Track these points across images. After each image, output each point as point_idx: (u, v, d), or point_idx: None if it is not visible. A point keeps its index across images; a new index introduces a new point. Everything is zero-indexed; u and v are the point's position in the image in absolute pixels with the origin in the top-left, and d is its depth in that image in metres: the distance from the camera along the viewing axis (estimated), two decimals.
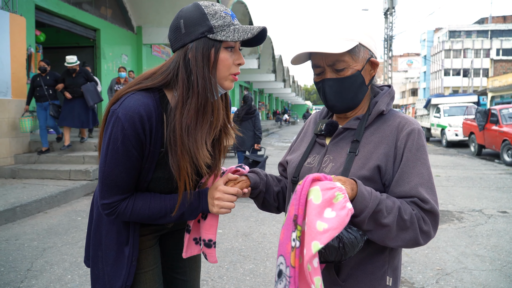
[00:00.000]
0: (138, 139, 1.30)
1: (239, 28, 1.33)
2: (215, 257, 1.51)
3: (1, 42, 7.67)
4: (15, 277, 3.65)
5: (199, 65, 1.32)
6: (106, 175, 1.32)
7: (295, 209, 1.11)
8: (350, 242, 1.12)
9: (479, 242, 4.66)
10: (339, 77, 1.33)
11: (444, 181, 8.59)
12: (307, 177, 1.13)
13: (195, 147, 1.35)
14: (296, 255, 1.08)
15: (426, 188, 1.25)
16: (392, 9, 28.63)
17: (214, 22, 1.32)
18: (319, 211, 1.06)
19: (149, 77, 1.39)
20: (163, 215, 1.41)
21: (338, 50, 1.27)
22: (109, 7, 14.66)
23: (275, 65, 32.56)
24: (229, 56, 1.35)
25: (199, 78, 1.32)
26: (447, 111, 18.36)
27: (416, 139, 1.30)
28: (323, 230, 1.04)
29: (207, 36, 1.32)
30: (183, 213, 1.43)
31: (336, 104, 1.37)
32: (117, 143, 1.29)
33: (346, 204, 1.07)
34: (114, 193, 1.34)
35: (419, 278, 3.69)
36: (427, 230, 1.22)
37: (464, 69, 63.13)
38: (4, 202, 5.72)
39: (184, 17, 1.34)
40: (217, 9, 1.34)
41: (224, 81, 1.38)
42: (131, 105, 1.30)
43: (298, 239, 1.09)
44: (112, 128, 1.29)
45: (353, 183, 1.18)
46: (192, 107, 1.33)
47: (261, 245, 4.53)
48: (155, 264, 1.55)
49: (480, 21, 70.56)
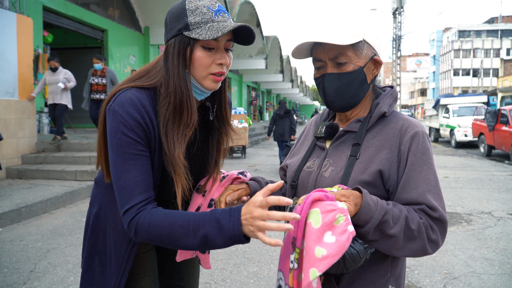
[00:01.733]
0: (139, 126, 1.25)
1: (215, 26, 1.26)
2: (209, 263, 1.46)
3: (8, 43, 7.71)
4: (18, 278, 3.64)
5: (175, 62, 1.28)
6: (119, 175, 1.23)
7: (294, 231, 1.07)
8: (351, 257, 1.08)
9: (488, 245, 4.57)
10: (340, 72, 1.28)
11: (453, 183, 8.48)
12: (308, 197, 1.08)
13: (172, 148, 1.29)
14: (294, 276, 1.07)
15: (434, 194, 1.20)
16: (401, 8, 28.44)
17: (191, 19, 1.26)
18: (318, 236, 1.03)
19: (143, 76, 1.35)
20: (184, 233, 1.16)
21: (342, 42, 1.23)
22: (117, 8, 14.71)
23: (283, 65, 32.48)
24: (205, 55, 1.28)
25: (174, 76, 1.28)
26: (456, 111, 18.19)
27: (420, 142, 1.25)
28: (321, 256, 1.00)
29: (183, 33, 1.27)
30: (207, 235, 1.14)
31: (336, 101, 1.32)
32: (119, 135, 1.24)
33: (348, 227, 1.02)
34: (132, 194, 1.23)
35: (426, 282, 3.61)
36: (435, 239, 1.17)
37: (473, 69, 62.61)
38: (10, 202, 5.73)
39: (169, 12, 1.31)
40: (200, 4, 1.28)
41: (204, 81, 1.32)
42: (126, 97, 1.26)
43: (296, 261, 1.07)
44: (112, 122, 1.25)
45: (357, 196, 1.13)
46: (170, 106, 1.29)
47: (265, 247, 4.48)
48: (151, 270, 1.50)
49: (490, 21, 69.93)
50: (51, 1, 10.85)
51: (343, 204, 1.06)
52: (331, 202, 1.06)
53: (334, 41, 1.23)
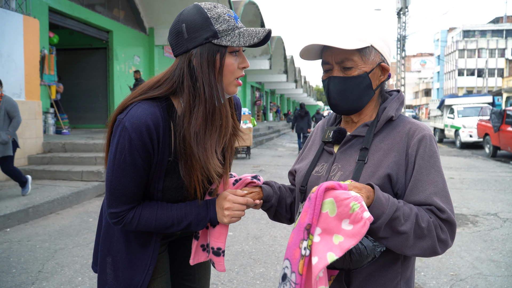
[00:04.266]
0: (145, 149, 1.28)
1: (244, 32, 1.29)
2: (223, 266, 1.48)
3: (15, 44, 7.76)
4: (26, 278, 3.67)
5: (205, 71, 1.28)
6: (114, 185, 1.30)
7: (309, 218, 1.09)
8: (358, 252, 1.09)
9: (495, 247, 4.57)
10: (345, 76, 1.30)
11: (458, 184, 8.46)
12: (321, 185, 1.09)
13: (205, 156, 1.32)
14: (305, 263, 1.08)
15: (442, 197, 1.21)
16: (405, 8, 28.35)
17: (219, 27, 1.27)
18: (336, 224, 1.05)
19: (153, 86, 1.36)
20: (169, 225, 1.38)
21: (347, 47, 1.24)
22: (122, 9, 14.77)
23: (286, 65, 32.48)
24: (234, 61, 1.32)
25: (206, 85, 1.29)
26: (461, 112, 18.13)
27: (428, 145, 1.26)
28: (338, 243, 1.03)
29: (212, 41, 1.28)
30: (190, 223, 1.40)
31: (339, 103, 1.34)
32: (124, 153, 1.27)
33: (363, 214, 1.03)
34: (121, 203, 1.32)
35: (433, 284, 3.62)
36: (445, 239, 1.18)
37: (478, 69, 62.35)
38: (17, 203, 5.77)
39: (186, 21, 1.29)
40: (220, 11, 1.30)
41: (229, 86, 1.34)
42: (137, 114, 1.27)
43: (309, 248, 1.08)
44: (119, 138, 1.27)
45: (369, 190, 1.14)
46: (199, 115, 1.30)
47: (271, 248, 4.50)
48: (164, 271, 1.53)
49: (494, 21, 69.62)
50: (57, 2, 10.91)
51: (356, 193, 1.08)
52: (344, 191, 1.08)
53: (340, 45, 1.25)
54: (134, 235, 1.42)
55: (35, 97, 8.44)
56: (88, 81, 14.55)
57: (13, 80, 7.72)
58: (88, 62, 14.52)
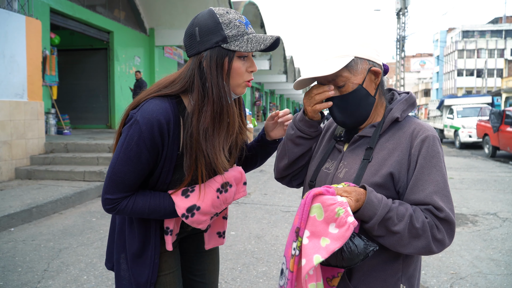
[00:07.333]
0: (153, 143, 1.34)
1: (253, 38, 1.36)
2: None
3: (17, 45, 7.79)
4: (32, 277, 3.71)
5: (213, 73, 1.35)
6: (116, 172, 1.36)
7: (298, 222, 1.18)
8: (349, 251, 1.15)
9: (494, 246, 4.62)
10: (342, 94, 1.34)
11: (458, 184, 8.51)
12: (310, 192, 1.18)
13: (213, 152, 1.38)
14: (295, 262, 1.18)
15: (441, 196, 1.24)
16: (405, 9, 28.43)
17: (228, 32, 1.34)
18: (323, 227, 1.14)
19: (168, 86, 1.42)
20: (162, 214, 1.44)
21: (331, 71, 1.29)
22: (122, 10, 14.81)
23: (286, 66, 32.52)
24: (241, 65, 1.38)
25: (214, 86, 1.36)
26: (461, 112, 18.18)
27: (431, 145, 1.29)
28: (325, 245, 1.12)
29: (221, 45, 1.34)
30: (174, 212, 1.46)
31: (345, 121, 1.39)
32: (131, 143, 1.33)
33: (348, 218, 1.11)
34: (119, 190, 1.37)
35: (433, 282, 3.67)
36: (441, 238, 1.22)
37: (477, 70, 62.41)
38: (20, 203, 5.82)
39: (199, 25, 1.36)
40: (231, 17, 1.36)
41: (237, 88, 1.41)
42: (150, 109, 1.34)
43: (298, 248, 1.17)
44: (129, 129, 1.34)
45: (360, 193, 1.20)
46: (208, 114, 1.37)
47: (273, 247, 4.54)
48: (175, 267, 1.58)
49: (494, 21, 69.69)
50: (58, 3, 10.95)
51: (342, 198, 1.15)
52: (331, 196, 1.16)
53: (323, 72, 1.29)
54: (138, 230, 1.48)
55: (38, 97, 8.47)
56: (88, 81, 14.58)
57: (15, 80, 7.76)
58: (89, 62, 14.55)
